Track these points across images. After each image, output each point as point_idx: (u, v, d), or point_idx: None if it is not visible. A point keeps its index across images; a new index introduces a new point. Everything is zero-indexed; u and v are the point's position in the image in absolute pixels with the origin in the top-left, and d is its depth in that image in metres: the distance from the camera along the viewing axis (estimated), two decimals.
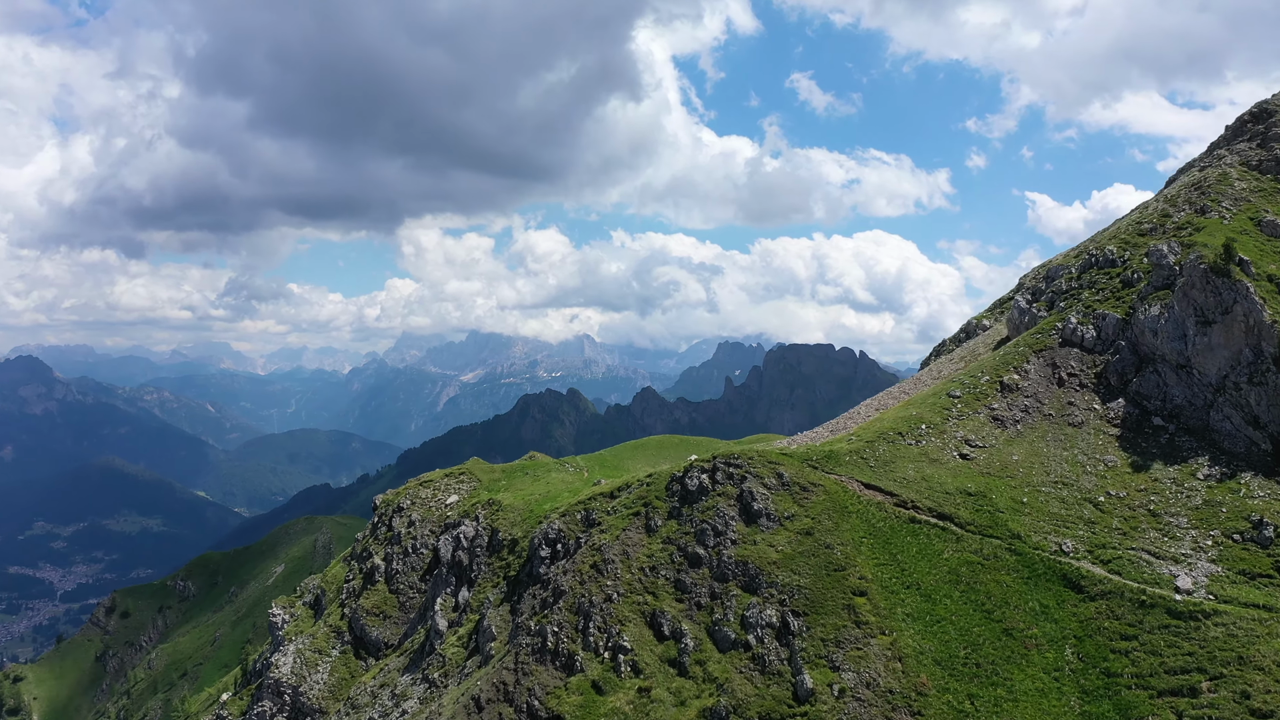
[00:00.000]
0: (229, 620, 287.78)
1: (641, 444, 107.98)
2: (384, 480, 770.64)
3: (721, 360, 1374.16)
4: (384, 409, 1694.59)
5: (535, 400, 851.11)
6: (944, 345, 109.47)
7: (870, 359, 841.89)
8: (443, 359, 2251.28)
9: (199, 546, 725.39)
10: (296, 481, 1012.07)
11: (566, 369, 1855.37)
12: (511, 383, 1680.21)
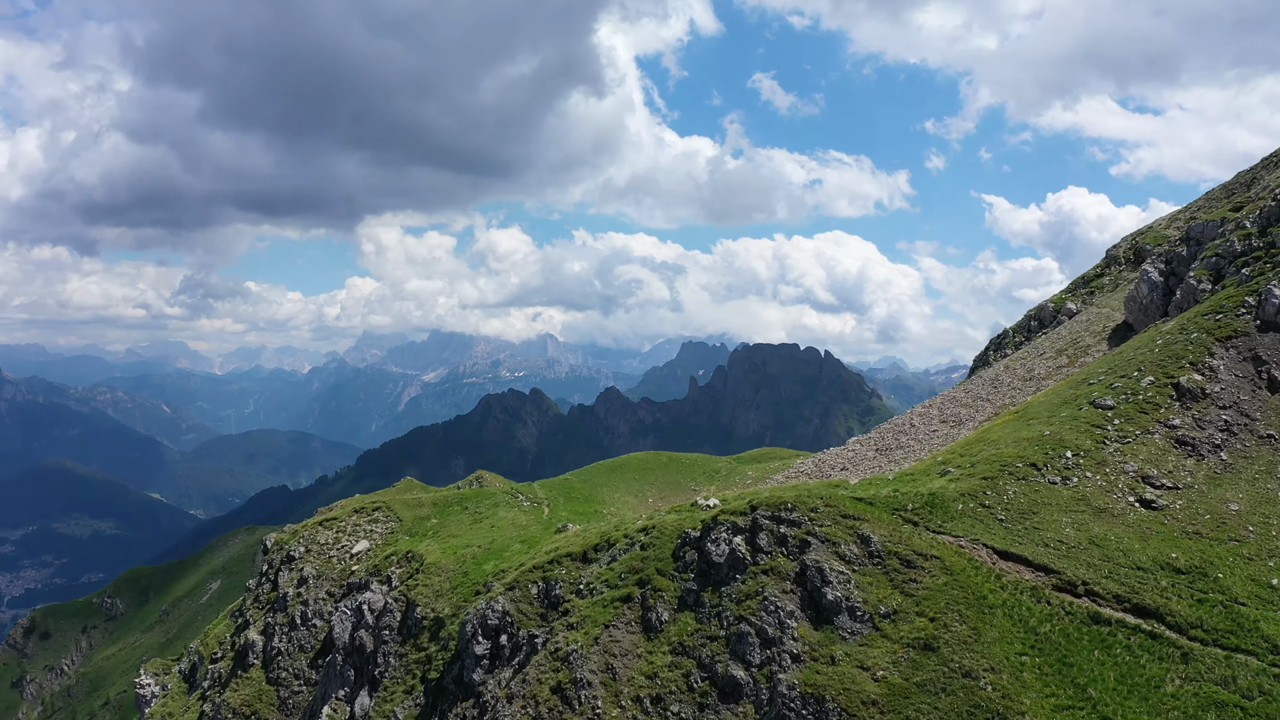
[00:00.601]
0: (158, 641, 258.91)
1: (619, 464, 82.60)
2: (343, 481, 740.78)
3: (685, 360, 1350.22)
4: (344, 409, 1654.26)
5: (497, 400, 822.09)
6: (1006, 336, 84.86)
7: (835, 359, 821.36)
8: (404, 358, 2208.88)
9: (152, 550, 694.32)
10: (254, 483, 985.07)
11: (529, 369, 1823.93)
12: (474, 382, 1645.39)
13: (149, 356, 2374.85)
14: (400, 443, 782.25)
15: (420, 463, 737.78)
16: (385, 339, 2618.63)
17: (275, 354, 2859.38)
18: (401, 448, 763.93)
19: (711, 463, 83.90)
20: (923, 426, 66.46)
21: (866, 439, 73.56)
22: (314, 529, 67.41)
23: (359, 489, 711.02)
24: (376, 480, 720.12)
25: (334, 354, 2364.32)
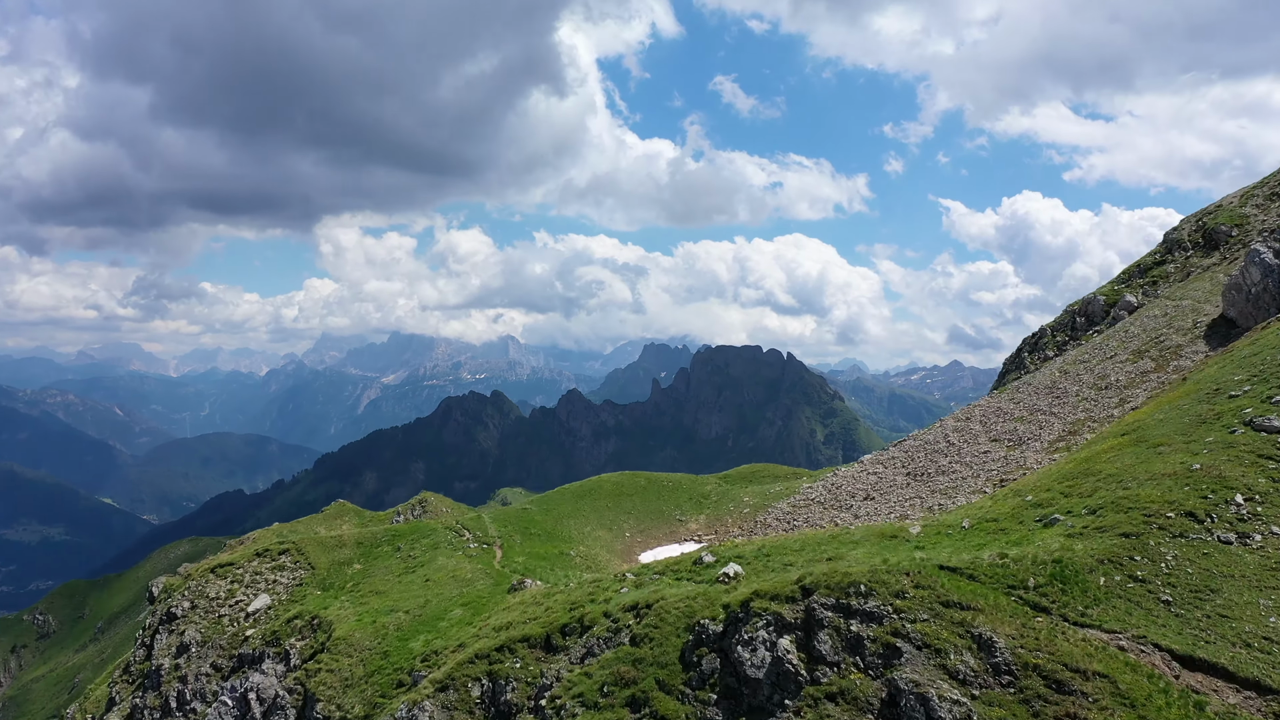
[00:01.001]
0: (92, 662, 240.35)
1: (589, 488, 68.25)
2: (300, 485, 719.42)
3: (647, 362, 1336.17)
4: (302, 411, 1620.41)
5: (458, 403, 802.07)
6: (1044, 335, 71.96)
7: (798, 361, 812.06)
8: (363, 360, 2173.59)
9: (104, 556, 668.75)
10: (209, 487, 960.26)
11: (491, 370, 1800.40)
12: (434, 384, 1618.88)
13: (101, 358, 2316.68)
14: (359, 446, 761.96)
15: (379, 466, 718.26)
16: (344, 341, 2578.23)
17: (232, 356, 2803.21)
18: (360, 451, 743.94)
19: (698, 485, 70.18)
20: (966, 446, 53.27)
21: (888, 458, 60.32)
22: (204, 577, 52.52)
23: (317, 493, 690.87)
24: (335, 484, 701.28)
25: (292, 356, 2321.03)
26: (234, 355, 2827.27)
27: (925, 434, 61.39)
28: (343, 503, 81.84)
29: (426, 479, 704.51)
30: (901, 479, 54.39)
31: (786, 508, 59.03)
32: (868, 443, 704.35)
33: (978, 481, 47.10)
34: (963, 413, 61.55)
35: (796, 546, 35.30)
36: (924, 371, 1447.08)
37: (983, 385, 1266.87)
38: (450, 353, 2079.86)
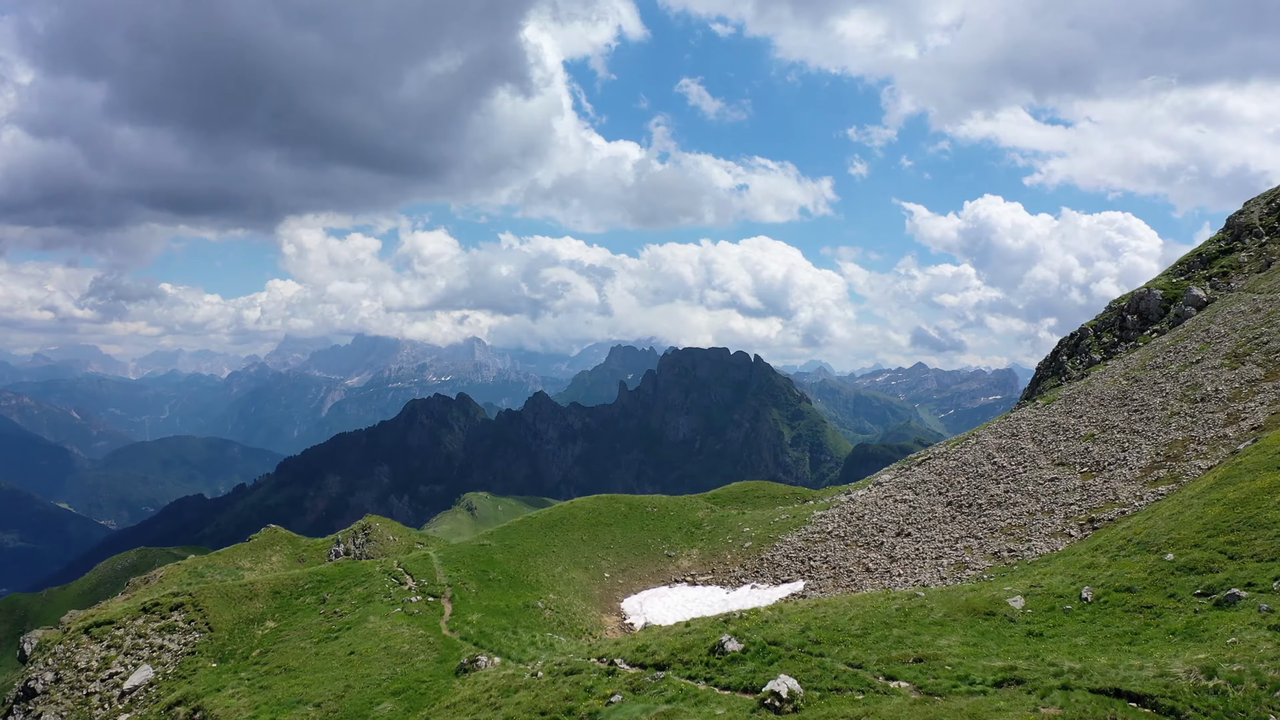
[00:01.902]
0: (4, 698, 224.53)
1: (560, 517, 56.87)
2: (262, 490, 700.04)
3: (614, 364, 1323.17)
4: (265, 414, 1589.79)
5: (423, 405, 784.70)
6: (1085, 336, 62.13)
7: (765, 363, 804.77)
8: (327, 362, 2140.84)
9: (60, 562, 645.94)
10: (169, 491, 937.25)
11: (456, 373, 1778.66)
12: (399, 387, 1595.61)
13: (58, 361, 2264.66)
14: (322, 449, 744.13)
15: (343, 469, 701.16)
16: (308, 342, 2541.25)
17: (193, 358, 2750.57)
18: (324, 454, 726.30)
19: (686, 511, 59.60)
20: (1023, 471, 43.30)
21: (915, 480, 50.32)
22: (75, 640, 41.10)
23: (279, 497, 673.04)
24: (297, 488, 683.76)
25: (254, 358, 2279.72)
26: (195, 357, 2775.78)
27: (958, 451, 51.46)
28: (274, 529, 70.49)
29: (391, 482, 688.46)
30: (942, 509, 44.36)
31: (798, 542, 48.74)
32: (835, 445, 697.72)
33: (1053, 519, 37.15)
34: (1000, 426, 51.67)
35: (855, 629, 24.89)
36: (889, 373, 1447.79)
37: (946, 386, 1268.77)
38: (415, 355, 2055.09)
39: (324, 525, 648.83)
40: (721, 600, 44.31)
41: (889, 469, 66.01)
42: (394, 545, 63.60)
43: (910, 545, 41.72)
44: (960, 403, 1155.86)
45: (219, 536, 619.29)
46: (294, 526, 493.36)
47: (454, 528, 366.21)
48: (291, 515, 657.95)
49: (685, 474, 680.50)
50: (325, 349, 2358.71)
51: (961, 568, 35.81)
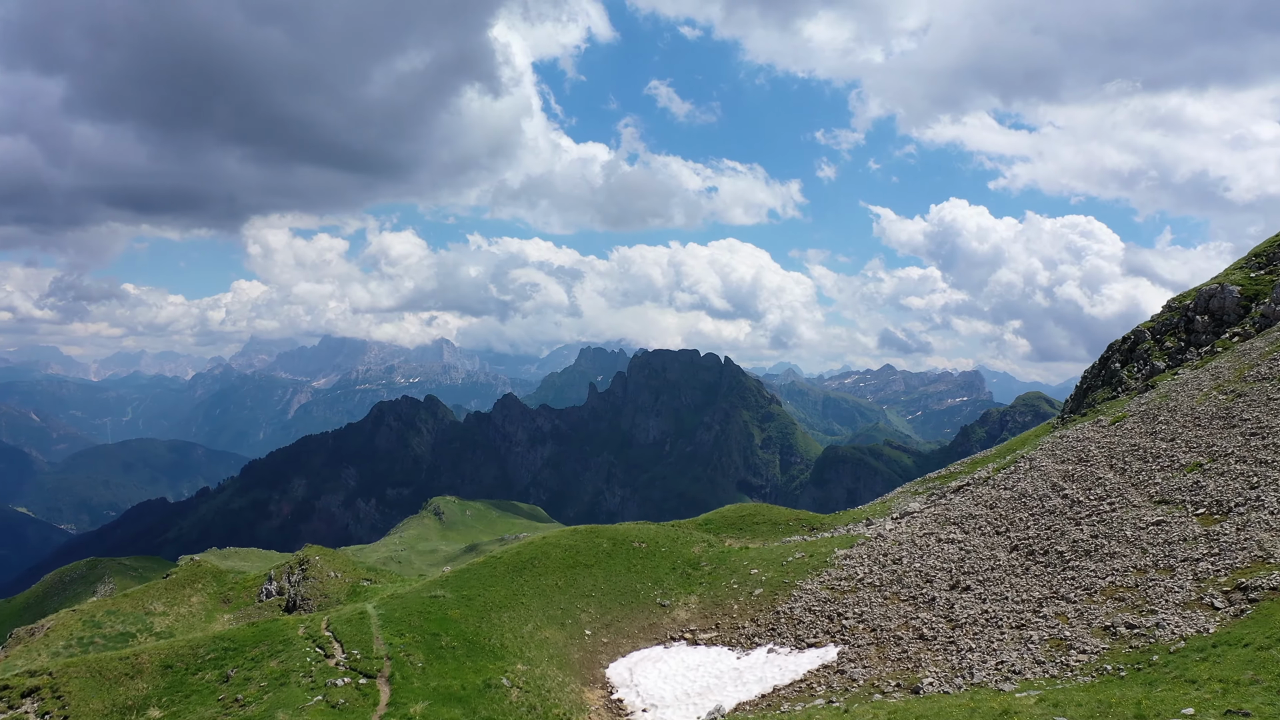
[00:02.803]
0: None
1: (533, 556, 46.51)
2: (226, 493, 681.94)
3: (584, 366, 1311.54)
4: (230, 417, 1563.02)
5: (391, 408, 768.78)
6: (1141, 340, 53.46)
7: (735, 365, 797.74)
8: (294, 364, 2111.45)
9: (17, 568, 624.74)
10: (131, 495, 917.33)
11: (425, 374, 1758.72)
12: (367, 389, 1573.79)
13: (16, 362, 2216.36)
14: (288, 452, 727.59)
15: (309, 473, 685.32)
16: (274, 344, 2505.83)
17: (156, 359, 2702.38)
18: (289, 457, 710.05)
19: (680, 544, 50.06)
20: (1108, 508, 34.37)
21: (960, 514, 41.28)
22: None
23: (243, 501, 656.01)
24: (262, 491, 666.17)
25: (219, 359, 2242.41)
26: (158, 359, 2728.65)
27: (1008, 477, 42.62)
28: (197, 562, 60.36)
29: (358, 485, 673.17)
30: (1006, 556, 35.38)
31: (822, 591, 39.54)
32: (805, 447, 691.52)
33: (1178, 580, 28.21)
34: (1059, 447, 42.88)
35: None
36: (857, 375, 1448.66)
37: (914, 388, 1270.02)
38: (383, 356, 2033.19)
39: (290, 529, 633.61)
40: (732, 668, 35.21)
41: (913, 493, 57.07)
42: (334, 584, 53.58)
43: (974, 604, 32.72)
44: (928, 404, 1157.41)
45: (182, 541, 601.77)
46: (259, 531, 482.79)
47: (420, 533, 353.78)
48: (257, 519, 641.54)
49: (655, 476, 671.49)
50: (291, 350, 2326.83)
51: (1062, 648, 26.85)
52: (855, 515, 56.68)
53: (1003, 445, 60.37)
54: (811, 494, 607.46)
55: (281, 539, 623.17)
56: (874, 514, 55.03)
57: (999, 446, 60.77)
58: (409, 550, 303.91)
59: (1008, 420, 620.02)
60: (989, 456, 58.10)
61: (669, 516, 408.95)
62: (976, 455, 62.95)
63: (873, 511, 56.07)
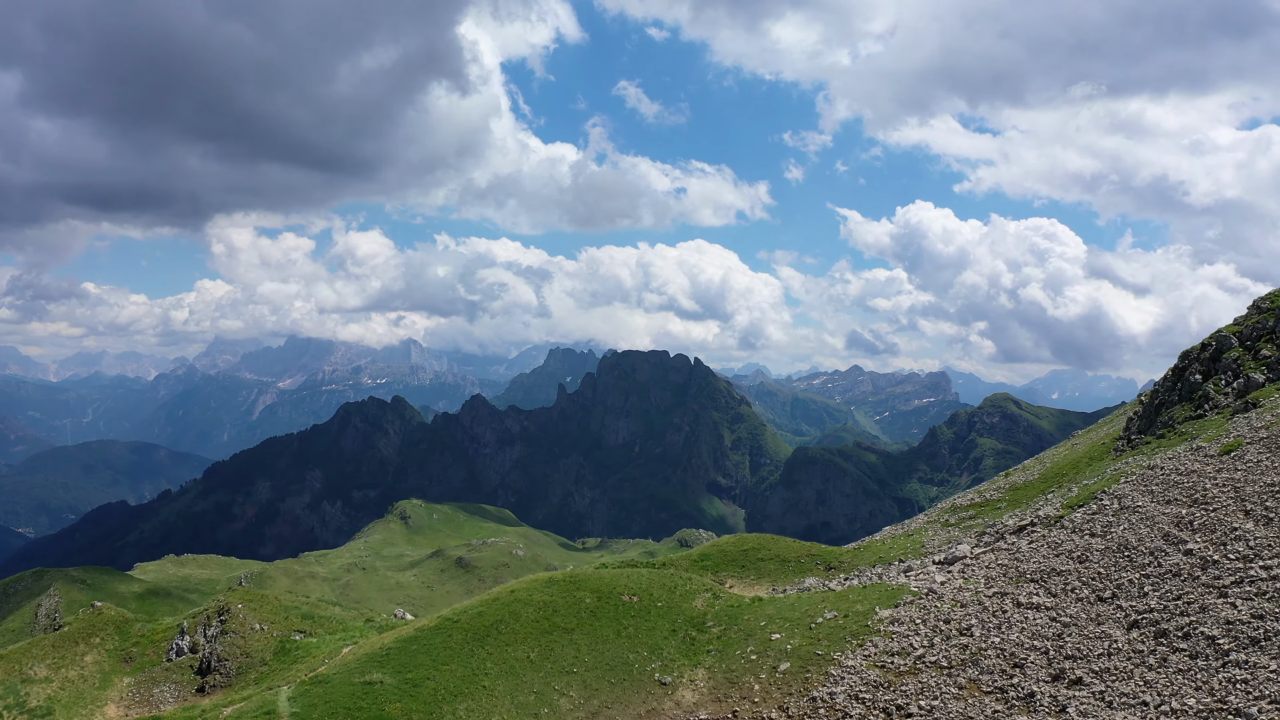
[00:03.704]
0: None
1: (499, 618, 36.96)
2: (189, 496, 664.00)
3: (553, 367, 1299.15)
4: (193, 417, 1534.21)
5: (357, 409, 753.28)
6: (1227, 345, 44.83)
7: (705, 366, 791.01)
8: (259, 364, 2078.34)
9: None
10: (91, 497, 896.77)
11: (392, 375, 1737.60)
12: (333, 389, 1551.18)
13: None
14: (252, 454, 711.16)
15: (273, 475, 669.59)
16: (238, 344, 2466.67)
17: (117, 360, 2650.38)
18: (253, 459, 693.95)
19: (677, 595, 40.54)
20: (1246, 567, 25.68)
21: (1044, 570, 32.27)
22: None
23: (206, 503, 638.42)
24: (226, 494, 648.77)
25: (183, 359, 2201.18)
26: (120, 359, 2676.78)
27: (1089, 517, 33.81)
28: (99, 610, 50.15)
29: (324, 488, 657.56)
30: (1120, 634, 26.52)
31: (870, 671, 30.44)
32: (774, 448, 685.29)
33: None
34: (1157, 483, 34.13)
35: None
36: (825, 376, 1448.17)
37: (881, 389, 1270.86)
38: (349, 356, 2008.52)
39: (254, 532, 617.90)
40: None
41: (943, 523, 48.06)
42: (259, 638, 43.80)
43: (1097, 708, 23.78)
44: (895, 405, 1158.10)
45: (143, 545, 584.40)
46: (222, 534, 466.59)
47: (386, 537, 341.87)
48: (220, 522, 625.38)
49: (625, 478, 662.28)
50: (256, 350, 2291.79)
51: None
52: (880, 552, 47.59)
53: (1049, 469, 51.55)
54: (781, 495, 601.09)
55: (245, 542, 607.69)
56: (903, 551, 46.07)
57: (1043, 470, 51.98)
58: (374, 556, 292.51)
59: (975, 421, 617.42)
60: (1033, 483, 49.38)
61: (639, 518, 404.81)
62: (1014, 477, 54.12)
63: (900, 548, 47.08)
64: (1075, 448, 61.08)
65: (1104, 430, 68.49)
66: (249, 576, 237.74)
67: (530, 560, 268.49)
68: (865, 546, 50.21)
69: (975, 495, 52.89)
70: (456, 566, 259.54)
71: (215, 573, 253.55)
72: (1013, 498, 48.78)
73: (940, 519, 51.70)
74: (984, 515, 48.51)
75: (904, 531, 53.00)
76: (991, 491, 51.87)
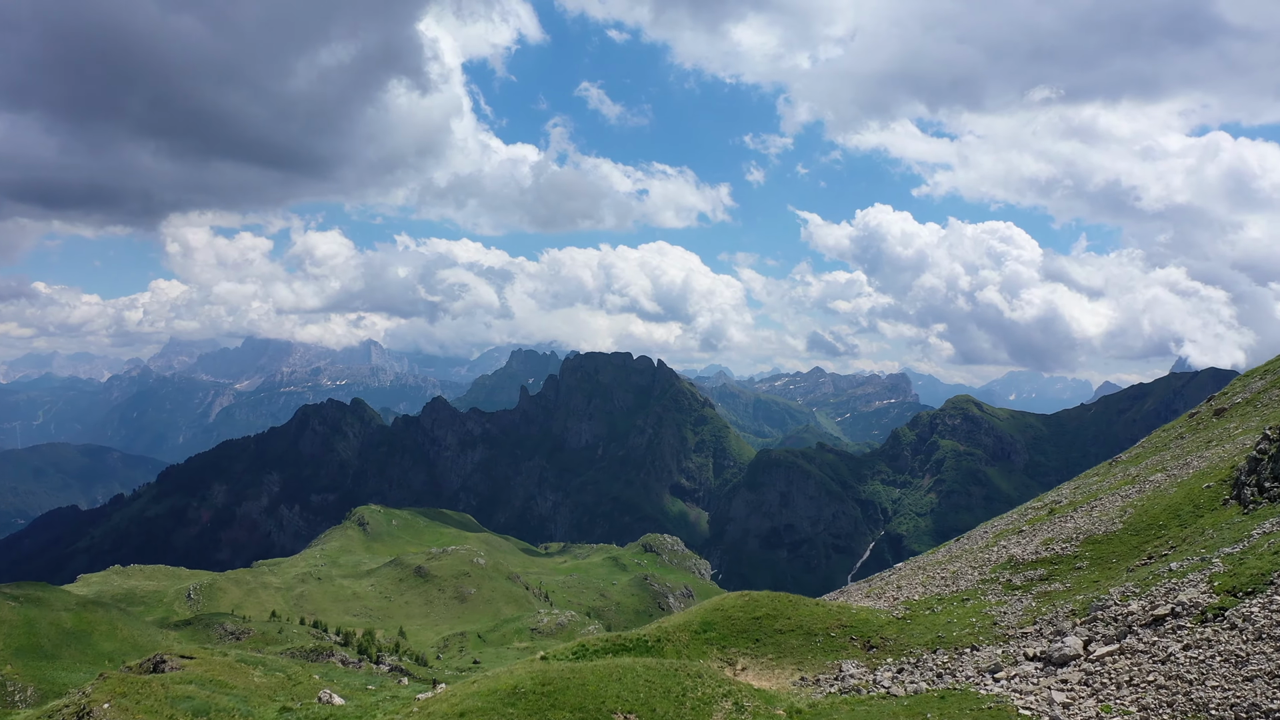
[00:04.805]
0: None
1: None
2: (142, 500, 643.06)
3: (515, 369, 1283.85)
4: (148, 419, 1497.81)
5: (316, 411, 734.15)
6: None
7: (668, 368, 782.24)
8: (216, 366, 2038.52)
9: None
10: (41, 502, 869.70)
11: (352, 377, 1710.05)
12: (292, 391, 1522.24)
13: None
14: (207, 457, 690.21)
15: (229, 478, 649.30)
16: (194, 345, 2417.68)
17: (69, 361, 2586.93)
18: (209, 462, 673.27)
19: (689, 709, 30.08)
20: None
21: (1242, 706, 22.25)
22: None
23: (160, 508, 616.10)
24: (180, 499, 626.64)
25: (137, 361, 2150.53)
26: (72, 360, 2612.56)
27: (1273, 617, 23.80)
28: None
29: (282, 491, 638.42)
30: None
31: None
32: (738, 450, 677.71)
33: None
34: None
35: None
36: (787, 378, 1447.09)
37: (842, 390, 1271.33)
38: (308, 358, 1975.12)
39: (209, 536, 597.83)
40: None
41: (1018, 588, 37.70)
42: None
43: None
44: (856, 406, 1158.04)
45: (94, 551, 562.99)
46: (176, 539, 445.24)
47: (343, 545, 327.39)
48: (174, 528, 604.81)
49: (588, 481, 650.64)
50: (213, 351, 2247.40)
51: None
52: (934, 626, 37.10)
53: (1133, 518, 41.24)
54: (745, 497, 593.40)
55: (200, 547, 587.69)
56: (967, 627, 35.63)
57: (1123, 517, 41.70)
58: (330, 564, 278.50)
59: (937, 423, 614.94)
60: (1118, 536, 39.16)
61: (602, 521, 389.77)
62: (1080, 522, 43.89)
63: (962, 622, 36.61)
64: (1138, 479, 51.02)
65: (1163, 455, 58.50)
66: (198, 588, 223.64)
67: (491, 569, 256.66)
68: (911, 617, 39.64)
69: (1038, 545, 42.68)
70: (415, 576, 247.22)
71: (163, 584, 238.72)
72: (1095, 554, 38.62)
73: (997, 576, 41.41)
74: (1060, 578, 38.21)
75: (952, 591, 42.49)
76: (1061, 544, 41.54)
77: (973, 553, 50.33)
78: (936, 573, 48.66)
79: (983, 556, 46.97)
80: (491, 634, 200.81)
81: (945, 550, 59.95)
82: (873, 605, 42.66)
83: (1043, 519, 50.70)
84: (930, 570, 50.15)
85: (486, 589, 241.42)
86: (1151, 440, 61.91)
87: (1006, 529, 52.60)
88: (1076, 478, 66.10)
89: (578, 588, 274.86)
